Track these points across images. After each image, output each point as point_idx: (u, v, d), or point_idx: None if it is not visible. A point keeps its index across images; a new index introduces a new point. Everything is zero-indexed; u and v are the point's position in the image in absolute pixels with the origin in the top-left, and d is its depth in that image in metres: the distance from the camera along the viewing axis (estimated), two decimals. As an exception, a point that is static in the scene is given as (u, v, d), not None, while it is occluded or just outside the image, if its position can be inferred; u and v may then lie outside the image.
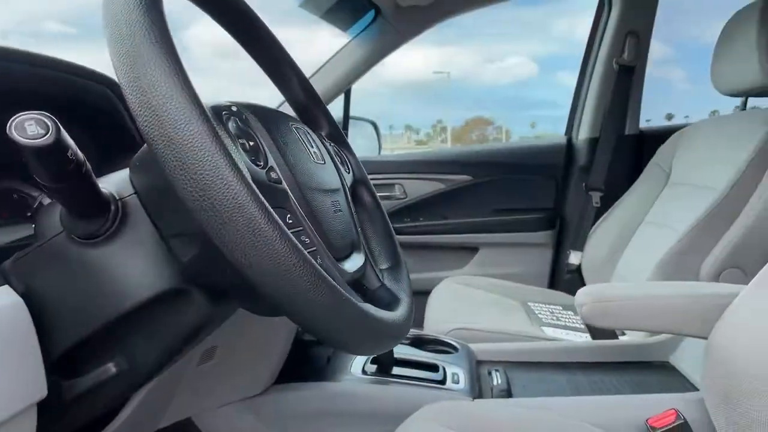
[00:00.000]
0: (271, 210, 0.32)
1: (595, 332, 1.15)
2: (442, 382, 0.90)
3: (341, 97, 1.60)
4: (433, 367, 0.93)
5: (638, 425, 0.75)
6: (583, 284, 1.55)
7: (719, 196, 1.05)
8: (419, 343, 1.02)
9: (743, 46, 1.12)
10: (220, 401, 0.87)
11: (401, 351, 0.96)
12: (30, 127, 0.31)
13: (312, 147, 0.52)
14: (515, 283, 1.62)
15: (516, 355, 1.06)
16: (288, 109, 0.64)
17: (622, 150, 1.56)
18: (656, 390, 0.90)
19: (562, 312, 1.38)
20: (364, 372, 0.92)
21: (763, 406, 0.61)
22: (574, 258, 1.57)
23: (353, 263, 0.52)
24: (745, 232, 1.02)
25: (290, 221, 0.40)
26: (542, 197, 1.69)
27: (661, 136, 1.46)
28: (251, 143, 0.40)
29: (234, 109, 0.43)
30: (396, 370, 0.91)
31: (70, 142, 0.33)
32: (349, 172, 0.63)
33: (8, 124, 0.31)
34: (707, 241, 1.06)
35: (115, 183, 0.41)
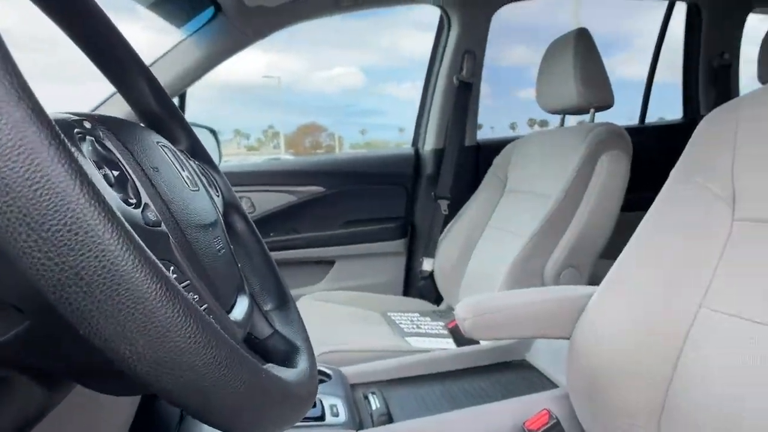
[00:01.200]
0: (170, 276, 0.22)
1: (460, 338, 1.19)
2: (321, 418, 0.83)
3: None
4: None
5: (517, 430, 0.78)
6: (436, 289, 1.63)
7: (554, 203, 1.17)
8: (288, 376, 0.93)
9: (561, 71, 1.28)
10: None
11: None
12: None
13: (183, 170, 0.41)
14: (373, 293, 1.62)
15: (388, 373, 1.03)
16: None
17: (464, 160, 1.67)
18: (521, 389, 0.95)
19: (420, 319, 1.41)
20: (230, 421, 0.79)
21: (622, 396, 0.68)
22: (426, 264, 1.62)
23: (240, 310, 0.42)
24: (577, 236, 1.16)
25: (174, 276, 0.30)
26: (394, 206, 1.72)
27: (495, 147, 1.59)
28: (116, 173, 0.29)
29: (87, 125, 0.30)
30: None
31: None
32: (218, 196, 0.52)
33: None
34: (548, 245, 1.18)
35: None
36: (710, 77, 1.87)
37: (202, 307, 0.32)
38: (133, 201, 0.28)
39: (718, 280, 0.63)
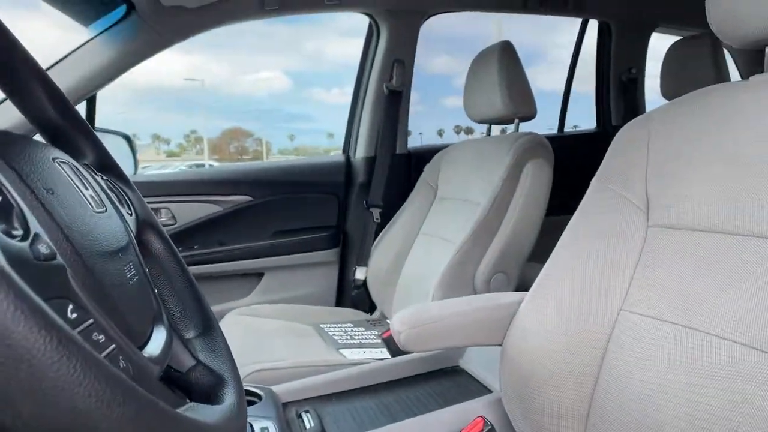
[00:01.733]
0: (62, 324, 0.19)
1: (394, 348, 1.18)
2: (253, 443, 0.78)
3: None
4: None
5: (455, 441, 0.78)
6: (370, 298, 1.61)
7: (483, 211, 1.20)
8: (216, 401, 0.87)
9: (487, 83, 1.31)
10: None
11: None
12: None
13: (87, 189, 0.36)
14: (304, 305, 1.58)
15: (322, 388, 1.00)
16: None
17: (395, 168, 1.67)
18: (456, 397, 0.96)
19: (354, 329, 1.39)
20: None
21: (552, 398, 0.70)
22: (359, 273, 1.60)
23: (157, 343, 0.38)
24: (506, 242, 1.19)
25: (74, 316, 0.26)
26: (325, 215, 1.69)
27: (426, 155, 1.61)
28: None
29: None
30: None
31: None
32: (131, 214, 0.47)
33: None
34: (478, 251, 1.20)
35: None
36: (620, 90, 2.02)
37: (110, 349, 0.28)
38: (19, 232, 0.24)
39: (636, 283, 0.66)
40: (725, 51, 1.45)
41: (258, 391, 0.93)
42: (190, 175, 1.65)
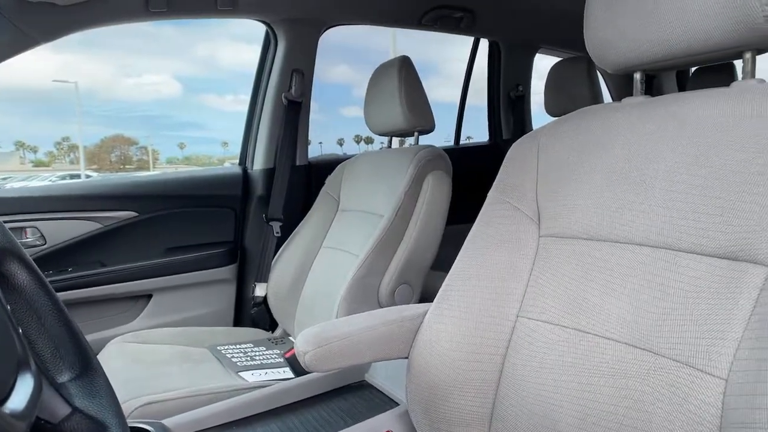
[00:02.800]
0: None
1: (298, 368, 1.14)
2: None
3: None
4: None
5: (363, 458, 0.77)
6: (271, 316, 1.55)
7: (387, 222, 1.21)
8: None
9: (388, 96, 1.33)
10: None
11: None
12: None
13: None
14: (198, 327, 1.48)
15: (221, 416, 0.94)
16: None
17: (295, 180, 1.63)
18: (364, 413, 0.95)
19: (254, 350, 1.33)
20: None
21: (457, 406, 0.71)
22: (259, 290, 1.54)
23: (22, 395, 0.32)
24: (409, 253, 1.21)
25: None
26: (221, 230, 1.60)
27: (327, 166, 1.59)
28: None
29: None
30: None
31: None
32: None
33: None
34: (382, 263, 1.20)
35: None
36: (509, 105, 2.17)
37: None
38: None
39: (531, 290, 0.70)
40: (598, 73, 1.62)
41: (147, 426, 0.84)
42: (62, 188, 1.47)
